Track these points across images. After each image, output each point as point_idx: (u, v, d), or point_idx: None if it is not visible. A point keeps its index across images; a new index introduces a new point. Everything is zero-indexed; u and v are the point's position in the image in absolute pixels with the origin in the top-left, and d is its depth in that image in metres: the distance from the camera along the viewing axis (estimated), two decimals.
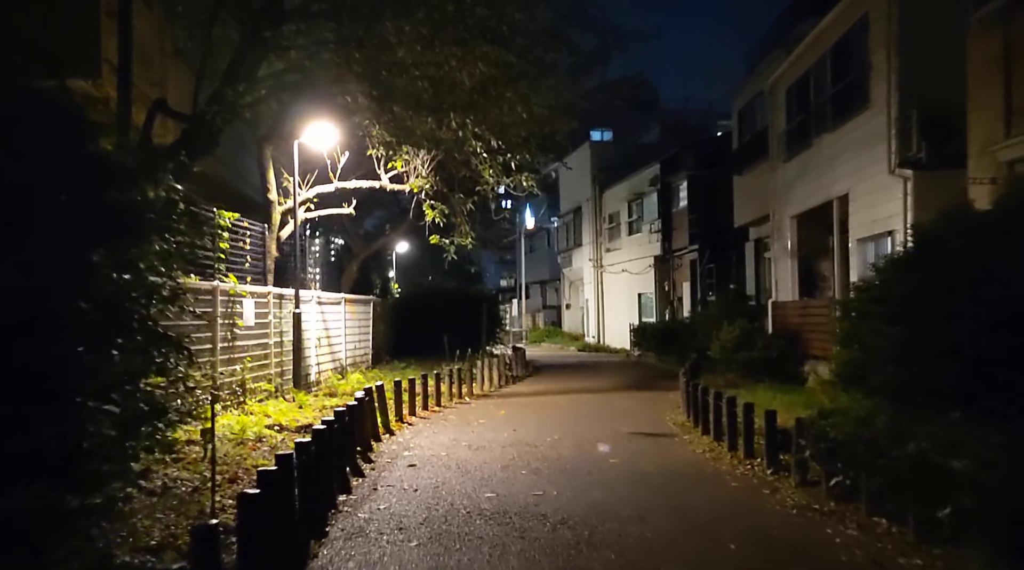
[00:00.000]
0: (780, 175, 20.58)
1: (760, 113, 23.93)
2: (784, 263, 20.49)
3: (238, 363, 12.95)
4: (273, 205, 15.63)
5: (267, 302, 14.37)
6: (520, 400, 16.74)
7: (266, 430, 11.11)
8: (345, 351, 19.38)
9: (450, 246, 17.89)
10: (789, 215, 20.01)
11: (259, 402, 13.23)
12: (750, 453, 9.50)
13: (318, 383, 16.83)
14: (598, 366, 26.89)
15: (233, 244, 14.04)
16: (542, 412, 14.60)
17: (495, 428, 12.59)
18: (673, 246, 33.01)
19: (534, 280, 53.29)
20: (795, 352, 18.46)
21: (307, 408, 13.84)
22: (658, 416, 13.99)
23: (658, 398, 16.90)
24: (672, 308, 33.64)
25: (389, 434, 11.86)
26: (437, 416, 14.08)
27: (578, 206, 43.09)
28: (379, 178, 16.48)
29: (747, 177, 25.10)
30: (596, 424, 13.01)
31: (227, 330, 12.65)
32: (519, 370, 22.05)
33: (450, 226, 18.47)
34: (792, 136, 19.62)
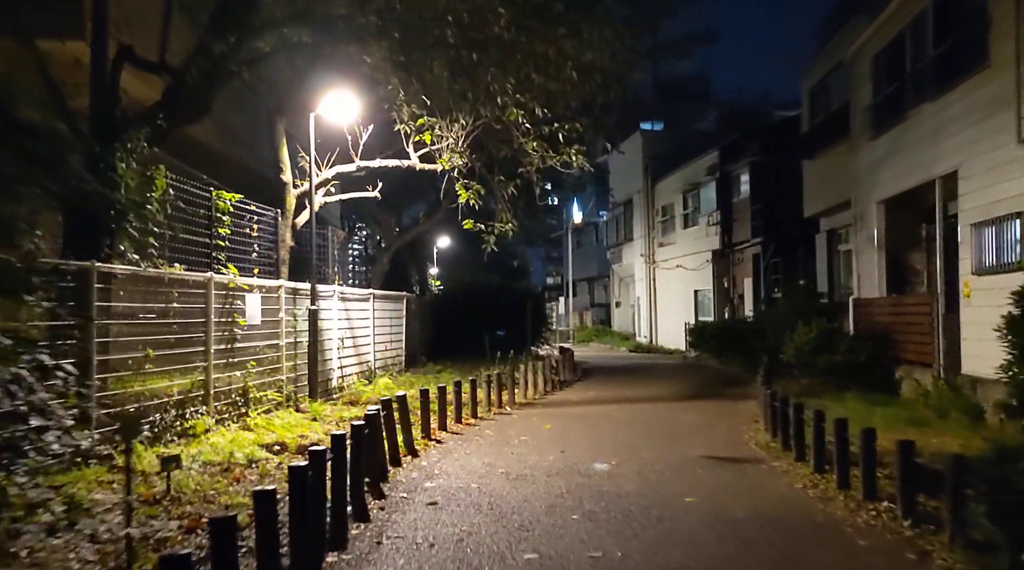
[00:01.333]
0: (864, 156, 18.14)
1: (836, 90, 21.45)
2: (868, 255, 18.05)
3: (240, 368, 11.07)
4: (287, 187, 13.76)
5: (278, 297, 12.50)
6: (568, 411, 14.65)
7: (262, 451, 9.20)
8: (373, 353, 17.47)
9: (489, 236, 15.81)
10: (875, 201, 17.56)
11: (264, 414, 11.36)
12: (872, 494, 7.28)
13: (340, 390, 14.95)
14: (653, 369, 24.64)
15: (238, 230, 12.19)
16: (594, 427, 12.49)
17: (539, 448, 10.53)
18: (733, 239, 30.60)
19: (581, 277, 51.06)
20: (884, 356, 16.10)
21: (322, 421, 11.96)
22: (734, 434, 11.79)
23: (728, 409, 14.67)
24: (732, 306, 31.20)
25: (412, 455, 9.86)
26: (472, 431, 12.06)
27: (629, 199, 40.77)
28: (408, 157, 14.49)
29: (819, 162, 22.64)
30: (660, 444, 10.86)
31: (225, 330, 10.78)
32: (567, 374, 19.96)
33: (488, 212, 16.41)
34: (880, 110, 17.18)
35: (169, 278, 9.45)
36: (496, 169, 15.76)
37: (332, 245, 16.02)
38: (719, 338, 26.09)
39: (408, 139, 14.26)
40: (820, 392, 15.69)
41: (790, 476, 8.68)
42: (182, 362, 9.82)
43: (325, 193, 14.61)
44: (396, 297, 19.99)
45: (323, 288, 14.60)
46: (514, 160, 16.01)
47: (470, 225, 13.88)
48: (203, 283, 10.14)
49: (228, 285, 10.81)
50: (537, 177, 15.11)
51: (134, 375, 8.88)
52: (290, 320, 12.99)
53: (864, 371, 15.94)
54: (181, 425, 9.41)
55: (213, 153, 15.93)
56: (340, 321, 15.42)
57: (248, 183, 14.22)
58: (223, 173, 14.79)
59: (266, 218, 13.22)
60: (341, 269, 23.16)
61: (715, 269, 32.07)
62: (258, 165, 15.57)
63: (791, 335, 17.78)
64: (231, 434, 9.95)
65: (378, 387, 15.83)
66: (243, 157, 15.51)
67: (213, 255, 11.05)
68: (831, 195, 21.49)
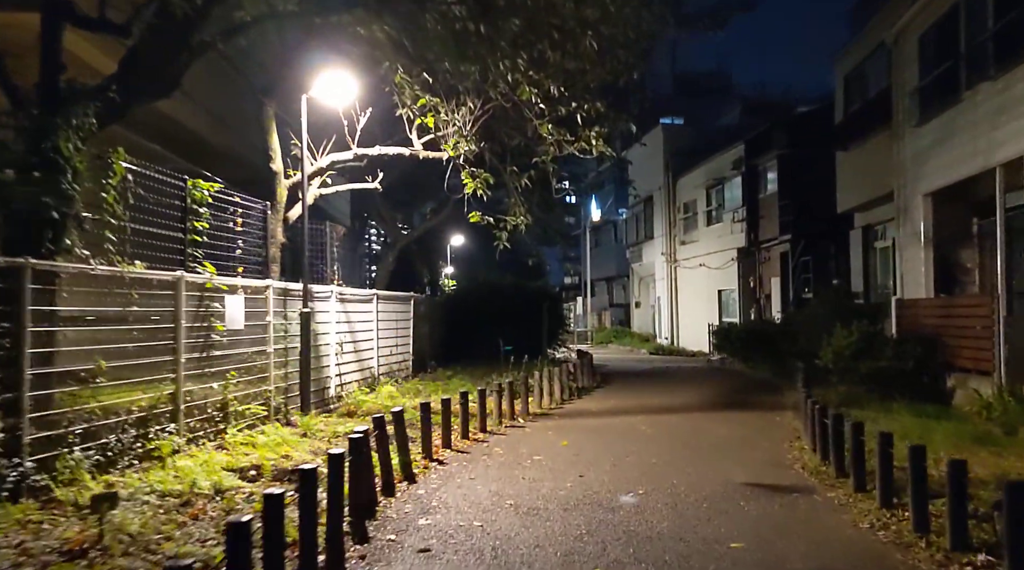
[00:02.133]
0: (908, 144, 16.71)
1: (874, 75, 20.02)
2: (914, 252, 16.61)
3: (218, 379, 9.84)
4: (277, 177, 12.53)
5: (265, 299, 11.26)
6: (587, 423, 13.33)
7: (234, 478, 7.95)
8: (377, 358, 16.22)
9: (500, 232, 14.50)
10: (922, 192, 16.13)
11: (248, 429, 10.13)
12: (964, 543, 5.91)
13: (339, 399, 13.71)
14: (677, 374, 23.25)
15: (220, 224, 10.97)
16: (617, 444, 11.16)
17: (555, 471, 9.22)
18: (760, 237, 29.18)
19: (600, 277, 49.66)
20: (932, 362, 14.67)
21: (312, 436, 10.72)
22: (775, 452, 10.43)
23: (764, 422, 13.30)
24: (758, 307, 29.76)
25: (408, 481, 8.58)
26: (479, 449, 10.77)
27: (649, 195, 39.33)
28: (411, 144, 13.21)
29: (855, 153, 21.20)
30: (694, 466, 9.52)
31: (201, 335, 9.55)
32: (585, 380, 18.63)
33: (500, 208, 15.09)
34: (928, 93, 15.76)
35: (130, 277, 8.22)
36: (508, 159, 14.44)
37: (330, 242, 14.77)
38: (746, 340, 24.68)
39: (411, 125, 13.00)
40: (862, 401, 14.32)
41: (851, 512, 7.32)
42: (146, 373, 8.61)
43: (320, 184, 13.37)
44: (402, 298, 18.74)
45: (319, 289, 13.38)
46: (528, 150, 14.74)
47: (476, 218, 12.58)
48: (172, 283, 8.91)
49: (204, 285, 9.58)
50: (553, 167, 13.77)
51: (86, 389, 7.65)
52: (280, 324, 11.76)
53: (911, 379, 14.55)
54: (143, 446, 8.18)
55: (207, 145, 14.79)
56: (339, 324, 14.18)
57: (248, 178, 13.06)
58: (221, 167, 13.64)
59: (254, 212, 11.99)
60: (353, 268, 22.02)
61: (740, 268, 30.66)
62: (256, 158, 14.39)
63: (828, 338, 16.39)
64: (204, 455, 8.73)
65: (380, 396, 14.60)
66: (239, 149, 14.36)
67: (188, 251, 9.82)
68: (868, 188, 20.07)
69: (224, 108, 14.12)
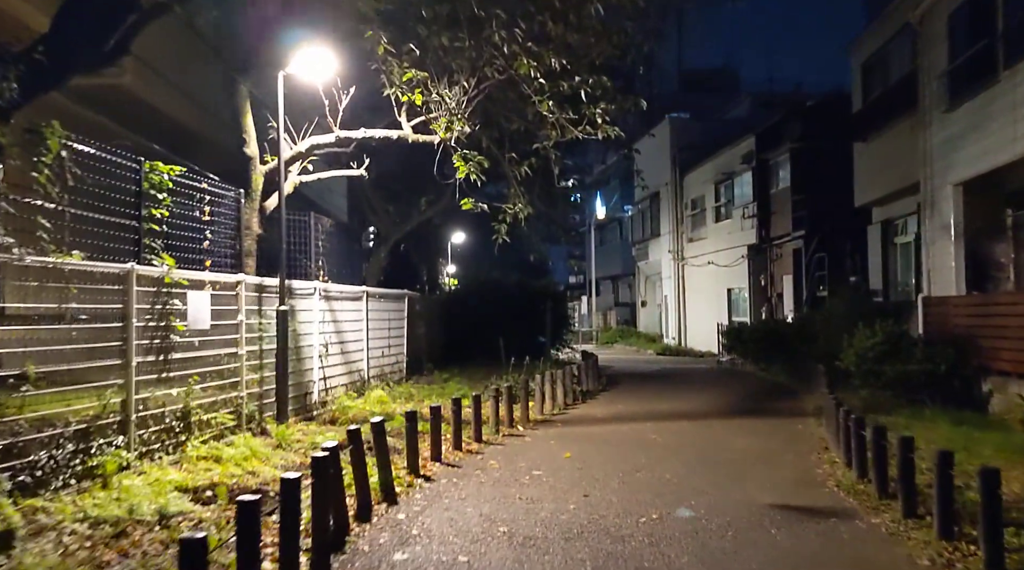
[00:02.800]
0: (936, 131, 15.59)
1: (896, 60, 18.92)
2: (942, 247, 15.49)
3: (179, 384, 8.78)
4: (252, 163, 11.46)
5: (237, 296, 10.19)
6: (593, 431, 12.23)
7: (184, 500, 6.88)
8: (367, 360, 15.15)
9: (500, 225, 13.40)
10: (951, 183, 15.02)
11: (212, 441, 9.07)
12: None
13: (323, 405, 12.64)
14: (687, 376, 22.13)
15: (185, 212, 9.91)
16: (625, 456, 10.08)
17: (556, 489, 8.15)
18: (771, 233, 28.08)
19: (605, 275, 48.50)
20: (965, 365, 13.56)
21: (288, 448, 9.68)
22: (803, 467, 9.34)
23: (786, 430, 12.20)
24: (770, 306, 28.63)
25: (389, 503, 7.51)
26: (473, 462, 9.69)
27: (655, 192, 38.17)
28: (400, 128, 12.12)
29: (874, 143, 20.11)
30: (713, 484, 8.43)
31: (158, 336, 8.49)
32: (590, 382, 17.53)
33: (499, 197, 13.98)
34: (958, 76, 14.65)
35: (68, 270, 7.16)
36: (507, 145, 13.35)
37: (314, 234, 13.70)
38: (758, 341, 23.54)
39: (400, 108, 11.93)
40: (889, 407, 13.26)
41: (905, 544, 6.22)
42: (91, 379, 7.55)
43: (301, 171, 12.30)
44: (396, 296, 17.66)
45: (300, 285, 12.31)
46: (528, 136, 13.65)
47: (469, 205, 11.48)
48: (121, 277, 7.84)
49: (161, 280, 8.52)
50: (555, 154, 12.67)
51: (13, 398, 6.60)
52: (254, 323, 10.71)
53: (942, 383, 13.45)
54: (83, 463, 7.12)
55: (184, 130, 13.77)
56: (324, 324, 13.13)
57: (233, 170, 12.00)
58: (204, 157, 12.62)
59: (226, 200, 10.92)
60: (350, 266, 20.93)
61: (751, 265, 29.54)
62: (234, 144, 13.36)
63: (849, 339, 15.29)
64: (157, 472, 7.68)
65: (369, 401, 13.53)
66: (216, 134, 13.29)
67: (144, 242, 8.75)
68: (889, 180, 18.97)
69: (202, 90, 13.10)
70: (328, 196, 22.59)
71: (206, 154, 13.12)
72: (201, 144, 13.91)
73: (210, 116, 13.31)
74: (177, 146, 13.15)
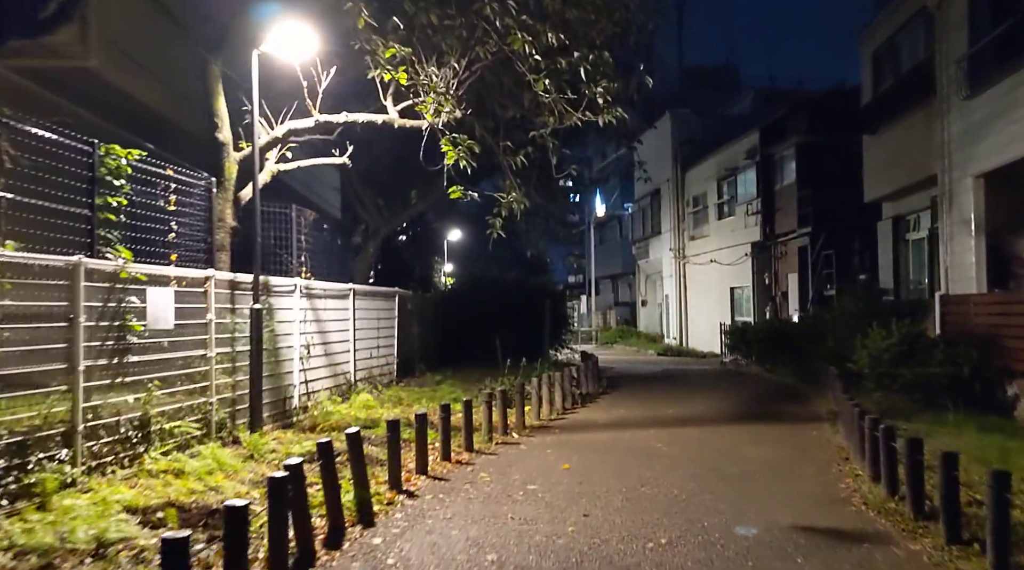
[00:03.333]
0: (955, 120, 14.78)
1: (910, 47, 18.14)
2: (962, 242, 14.67)
3: (137, 390, 7.96)
4: (226, 149, 10.63)
5: (206, 293, 9.37)
6: (593, 439, 11.41)
7: (130, 525, 6.07)
8: (354, 362, 14.33)
9: (495, 219, 12.56)
10: (972, 174, 14.21)
11: (176, 452, 8.25)
12: None
13: (304, 410, 11.82)
14: (690, 378, 21.30)
15: (149, 202, 9.08)
16: (629, 467, 9.26)
17: (552, 507, 7.33)
18: (776, 230, 27.29)
19: (604, 274, 47.70)
20: (988, 367, 12.76)
21: (261, 460, 8.88)
22: (824, 480, 8.51)
23: (800, 437, 11.38)
24: (774, 305, 27.86)
25: (364, 525, 6.69)
26: (462, 474, 8.86)
27: (656, 189, 37.36)
28: (386, 112, 11.28)
29: (886, 135, 19.31)
30: (727, 500, 7.60)
31: (111, 336, 7.67)
32: (590, 385, 16.70)
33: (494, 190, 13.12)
34: (982, 60, 13.83)
35: (1, 262, 6.34)
36: (502, 133, 12.52)
37: (295, 227, 12.86)
38: (763, 341, 22.74)
39: (386, 91, 11.11)
40: (907, 411, 12.48)
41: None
42: (32, 385, 6.74)
43: (279, 159, 11.47)
44: (386, 294, 16.82)
45: (279, 281, 11.49)
46: (524, 124, 12.83)
47: (458, 194, 10.65)
48: (66, 271, 7.02)
49: (116, 275, 7.70)
50: (553, 143, 11.83)
51: None
52: (227, 323, 9.89)
53: (964, 386, 12.65)
54: (17, 481, 6.30)
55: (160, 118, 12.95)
56: (307, 324, 12.31)
57: (213, 160, 11.18)
58: (180, 146, 11.83)
59: (196, 189, 10.09)
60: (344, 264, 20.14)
61: (754, 264, 28.75)
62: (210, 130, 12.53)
63: (863, 340, 14.48)
64: (106, 489, 6.86)
65: (354, 406, 12.72)
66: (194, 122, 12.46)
67: (99, 233, 7.93)
68: (902, 174, 18.17)
69: (177, 75, 12.28)
70: (321, 191, 21.77)
71: (185, 144, 12.33)
72: (179, 134, 13.10)
73: (188, 103, 12.50)
74: (154, 136, 12.33)
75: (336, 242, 22.69)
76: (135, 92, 11.87)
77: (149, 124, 12.54)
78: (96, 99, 11.71)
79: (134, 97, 11.87)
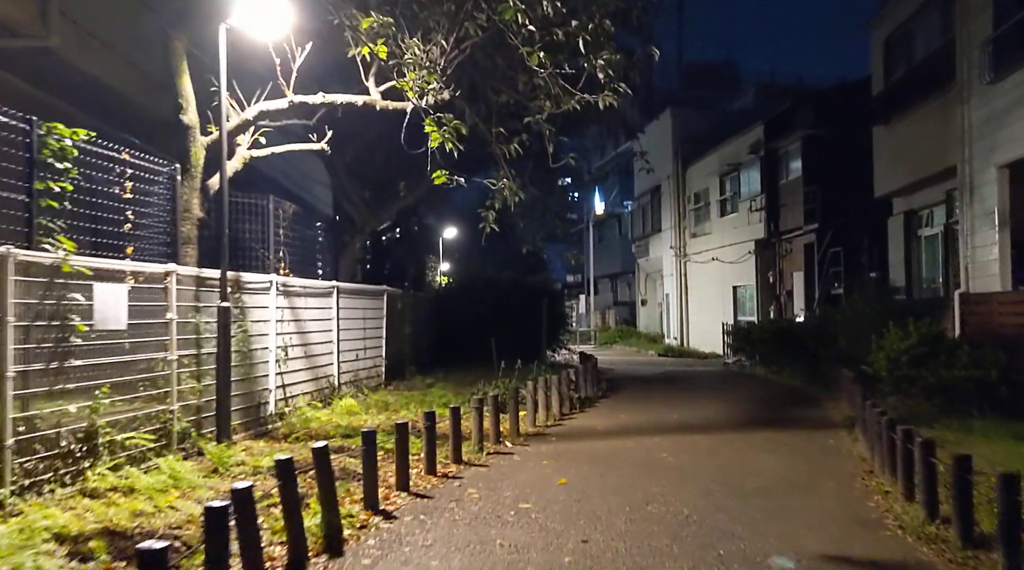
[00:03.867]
0: (976, 107, 13.94)
1: (925, 33, 17.32)
2: (984, 236, 13.83)
3: (82, 397, 7.10)
4: (191, 133, 9.77)
5: (166, 289, 8.50)
6: (592, 448, 10.53)
7: (56, 557, 5.22)
8: (338, 365, 13.47)
9: (488, 212, 11.71)
10: (995, 164, 13.38)
11: (129, 466, 7.40)
12: None
13: (280, 417, 10.95)
14: (693, 380, 20.46)
15: (102, 187, 8.22)
16: (632, 482, 8.40)
17: (547, 530, 6.47)
18: (781, 227, 26.46)
19: (604, 273, 46.84)
20: (1016, 370, 11.91)
21: (225, 474, 8.03)
22: (849, 497, 7.66)
23: (815, 446, 10.53)
24: (779, 304, 27.01)
25: (331, 554, 5.83)
26: (448, 490, 7.99)
27: (656, 185, 36.53)
28: (368, 94, 10.42)
29: (898, 127, 18.48)
30: (744, 522, 6.74)
31: (50, 337, 6.80)
32: (589, 388, 15.83)
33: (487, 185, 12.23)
34: (1008, 42, 12.99)
35: None
36: (495, 120, 11.65)
37: (271, 220, 12.00)
38: (768, 342, 21.85)
39: (368, 70, 10.26)
40: (928, 417, 11.64)
41: None
42: None
43: (252, 144, 10.60)
44: (374, 293, 15.95)
45: (253, 278, 10.63)
46: (518, 112, 11.98)
47: (442, 179, 9.78)
48: None
49: (56, 268, 6.83)
50: (549, 130, 10.97)
51: None
52: (193, 323, 9.03)
53: (990, 391, 11.81)
54: None
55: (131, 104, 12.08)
56: (284, 323, 11.45)
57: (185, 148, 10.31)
58: (155, 135, 10.97)
59: (159, 177, 9.22)
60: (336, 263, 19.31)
61: (758, 262, 27.89)
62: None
63: (878, 341, 13.64)
64: (38, 512, 6.00)
65: (336, 412, 11.87)
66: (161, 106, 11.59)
67: (39, 222, 7.06)
68: (916, 166, 17.35)
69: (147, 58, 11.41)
70: (311, 187, 20.90)
71: (156, 131, 11.45)
72: (151, 120, 12.22)
73: (158, 86, 11.63)
74: (123, 122, 11.51)
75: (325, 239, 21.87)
76: (100, 74, 11.00)
77: (117, 109, 11.69)
78: (59, 82, 10.85)
79: (99, 79, 11.01)
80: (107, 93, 11.53)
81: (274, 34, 9.27)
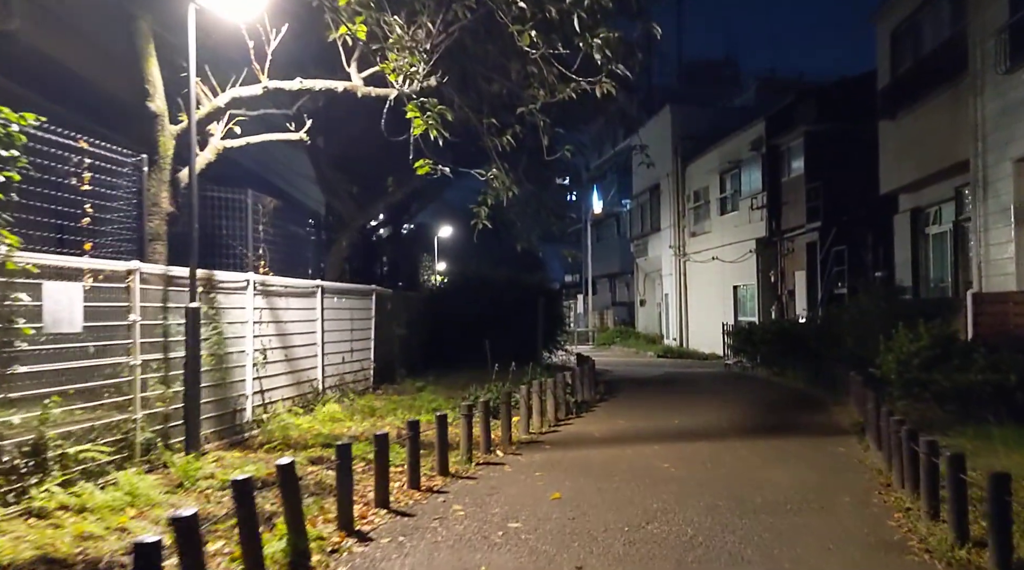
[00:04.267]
0: (991, 98, 13.35)
1: (933, 24, 16.72)
2: (999, 233, 13.25)
3: (28, 407, 6.48)
4: (159, 121, 9.15)
5: (128, 289, 7.88)
6: (588, 458, 9.91)
7: None
8: (322, 368, 12.85)
9: (480, 208, 11.10)
10: (1011, 158, 12.80)
11: (84, 481, 6.78)
12: None
13: (258, 425, 10.33)
14: (694, 382, 19.86)
15: (58, 178, 7.59)
16: (632, 496, 7.80)
17: (538, 554, 5.86)
18: (783, 225, 25.89)
19: (602, 273, 46.24)
20: None
21: (192, 489, 7.41)
22: (867, 512, 7.05)
23: (826, 455, 9.92)
24: (781, 304, 26.42)
25: None
26: (432, 506, 7.38)
27: (655, 184, 35.95)
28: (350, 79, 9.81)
29: (905, 121, 17.91)
30: (755, 544, 6.13)
31: None
32: (586, 391, 15.22)
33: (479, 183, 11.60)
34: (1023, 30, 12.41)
35: None
36: (486, 110, 11.04)
37: (250, 215, 11.38)
38: (770, 343, 21.26)
39: (350, 55, 9.65)
40: (941, 424, 11.03)
41: None
42: None
43: (226, 134, 9.98)
44: (361, 292, 15.32)
45: (228, 277, 10.01)
46: (512, 103, 11.36)
47: (426, 169, 9.16)
48: None
49: (6, 265, 6.21)
50: (544, 121, 10.36)
51: None
52: (161, 325, 8.41)
53: (1007, 396, 11.21)
54: None
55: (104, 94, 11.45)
56: (263, 325, 10.84)
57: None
58: (132, 129, 10.31)
59: (124, 169, 8.59)
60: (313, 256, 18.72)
61: (759, 261, 27.32)
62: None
63: (886, 342, 13.04)
64: None
65: (318, 418, 11.24)
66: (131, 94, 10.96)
67: None
68: (925, 161, 16.77)
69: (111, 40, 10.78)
70: (301, 184, 20.29)
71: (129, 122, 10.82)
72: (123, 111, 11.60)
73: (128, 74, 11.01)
74: (94, 112, 10.90)
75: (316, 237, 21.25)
76: (66, 59, 10.39)
77: (86, 98, 11.07)
78: (22, 68, 10.23)
79: (65, 65, 10.39)
80: (75, 80, 10.92)
81: (248, 15, 8.64)
